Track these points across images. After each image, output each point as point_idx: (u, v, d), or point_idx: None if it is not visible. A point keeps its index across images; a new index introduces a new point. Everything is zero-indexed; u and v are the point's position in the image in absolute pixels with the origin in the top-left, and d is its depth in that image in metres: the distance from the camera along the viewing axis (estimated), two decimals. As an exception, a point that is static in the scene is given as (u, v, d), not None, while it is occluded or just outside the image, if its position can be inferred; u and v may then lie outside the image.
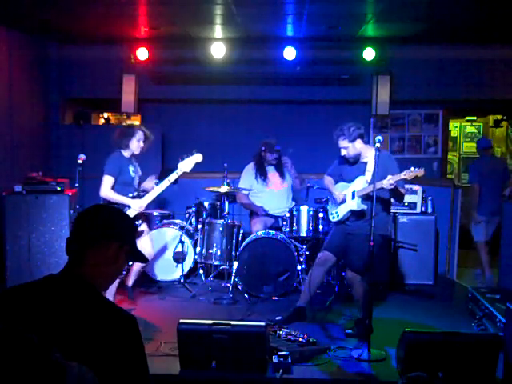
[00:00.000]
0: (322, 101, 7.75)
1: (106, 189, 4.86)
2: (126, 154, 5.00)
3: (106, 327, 1.64)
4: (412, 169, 4.09)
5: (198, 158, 5.03)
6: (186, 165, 5.01)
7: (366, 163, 4.51)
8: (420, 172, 4.08)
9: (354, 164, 4.59)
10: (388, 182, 4.12)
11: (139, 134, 4.97)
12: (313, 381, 3.74)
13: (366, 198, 4.40)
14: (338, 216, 4.66)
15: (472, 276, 6.84)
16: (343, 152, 4.53)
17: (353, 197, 4.50)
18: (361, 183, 4.47)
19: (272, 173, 6.27)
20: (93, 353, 1.58)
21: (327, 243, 4.78)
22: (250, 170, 6.32)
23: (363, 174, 4.49)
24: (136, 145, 4.97)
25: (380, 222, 4.36)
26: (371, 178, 4.31)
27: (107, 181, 4.87)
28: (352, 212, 4.52)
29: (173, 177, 4.99)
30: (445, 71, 7.43)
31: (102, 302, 1.73)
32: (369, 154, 4.49)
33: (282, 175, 6.28)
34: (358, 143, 4.47)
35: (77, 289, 1.70)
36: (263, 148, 6.17)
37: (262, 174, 6.22)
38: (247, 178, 6.30)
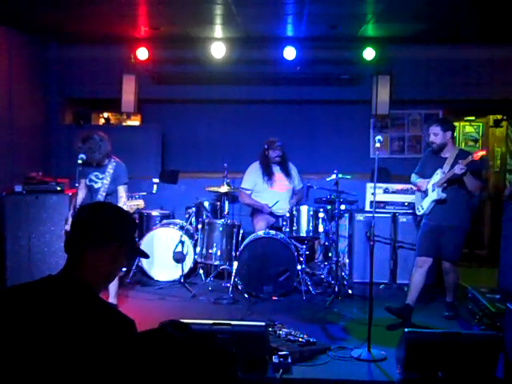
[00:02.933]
0: (321, 101, 7.75)
1: (78, 190, 5.15)
2: (92, 162, 5.01)
3: (104, 331, 1.63)
4: (477, 150, 4.64)
5: (140, 204, 5.04)
6: (130, 206, 4.95)
7: (445, 158, 4.87)
8: (483, 151, 4.64)
9: (436, 157, 4.93)
10: (459, 167, 4.57)
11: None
12: (313, 381, 3.74)
13: (446, 187, 4.79)
14: (422, 209, 4.96)
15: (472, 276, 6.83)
16: (432, 138, 4.87)
17: (433, 189, 4.85)
18: (438, 175, 4.85)
19: (278, 173, 6.27)
20: (90, 356, 1.57)
21: (420, 248, 4.97)
22: (255, 168, 6.31)
23: (441, 167, 4.84)
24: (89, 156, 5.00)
25: (461, 213, 4.87)
26: (448, 168, 4.78)
27: (79, 183, 5.13)
28: (435, 203, 4.84)
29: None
30: (445, 71, 7.42)
31: (101, 305, 1.72)
32: (452, 150, 4.89)
33: (287, 175, 6.28)
34: (448, 134, 4.85)
35: (75, 291, 1.69)
36: (266, 146, 6.22)
37: (268, 173, 6.22)
38: (252, 177, 6.29)
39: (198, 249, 6.05)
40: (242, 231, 6.11)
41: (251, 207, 6.38)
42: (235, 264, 5.67)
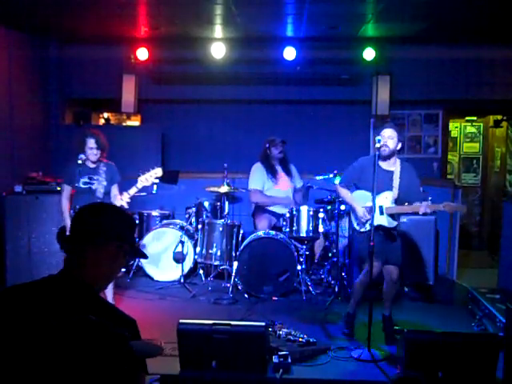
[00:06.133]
0: (321, 101, 7.75)
1: (61, 197, 4.93)
2: (87, 163, 4.87)
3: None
4: (452, 204, 4.33)
5: (157, 172, 4.84)
6: (146, 179, 4.81)
7: (391, 173, 4.44)
8: (462, 208, 4.44)
9: (380, 167, 4.38)
10: (424, 210, 4.18)
11: (90, 142, 4.83)
12: (313, 381, 3.74)
13: (392, 215, 4.41)
14: (365, 229, 4.45)
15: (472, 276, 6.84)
16: (385, 141, 4.36)
17: (381, 212, 4.36)
18: (388, 200, 4.39)
19: (280, 172, 6.27)
20: (90, 355, 1.57)
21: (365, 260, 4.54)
22: (258, 168, 6.28)
23: (389, 187, 4.40)
24: (89, 152, 4.84)
25: (397, 220, 4.55)
26: (397, 191, 4.41)
27: (63, 189, 4.96)
28: (380, 226, 4.39)
29: (132, 191, 4.80)
30: (445, 71, 7.43)
31: (101, 305, 1.72)
32: (395, 162, 4.48)
33: (288, 174, 6.28)
34: (399, 144, 4.47)
35: (75, 291, 1.69)
36: (267, 145, 6.23)
37: (271, 171, 6.22)
38: (258, 176, 6.24)
39: (197, 249, 6.05)
40: (242, 231, 6.11)
41: (256, 206, 6.32)
42: (235, 264, 5.67)
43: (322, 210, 5.84)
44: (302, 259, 5.74)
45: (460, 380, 3.43)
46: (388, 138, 4.39)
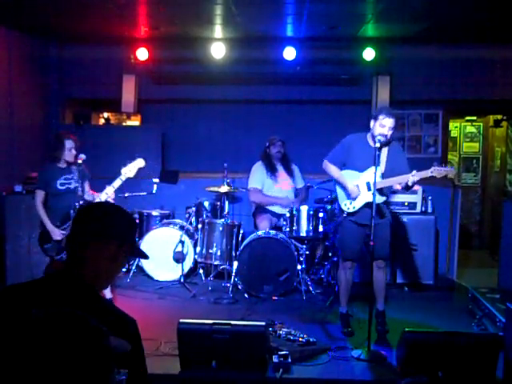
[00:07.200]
0: (321, 101, 7.75)
1: (36, 203, 4.80)
2: (61, 164, 4.84)
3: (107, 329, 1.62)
4: (441, 168, 4.19)
5: (140, 163, 4.82)
6: (129, 170, 4.78)
7: (380, 149, 4.33)
8: (451, 171, 4.25)
9: (371, 148, 4.30)
10: (413, 179, 4.16)
11: (69, 143, 4.81)
12: (313, 381, 3.74)
13: (381, 190, 4.35)
14: (354, 208, 4.45)
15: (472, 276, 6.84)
16: (385, 130, 4.25)
17: (369, 188, 4.33)
18: (376, 175, 4.22)
19: (281, 171, 6.28)
20: (91, 354, 1.57)
21: (349, 251, 4.57)
22: (259, 167, 6.30)
23: (377, 163, 4.27)
24: (67, 154, 4.81)
25: (386, 209, 4.52)
26: (384, 166, 4.37)
27: (37, 195, 4.82)
28: (368, 203, 4.27)
29: (117, 183, 4.76)
30: (445, 71, 7.43)
31: (102, 304, 1.72)
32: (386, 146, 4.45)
33: (290, 175, 6.29)
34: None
35: (76, 290, 1.69)
36: (267, 144, 6.28)
37: (272, 169, 6.23)
38: (258, 175, 6.25)
39: (198, 249, 6.05)
40: (242, 231, 6.11)
41: (257, 206, 6.32)
42: (235, 264, 5.67)
43: (322, 209, 5.84)
44: (302, 259, 5.74)
45: (460, 380, 3.43)
46: (389, 129, 4.27)
